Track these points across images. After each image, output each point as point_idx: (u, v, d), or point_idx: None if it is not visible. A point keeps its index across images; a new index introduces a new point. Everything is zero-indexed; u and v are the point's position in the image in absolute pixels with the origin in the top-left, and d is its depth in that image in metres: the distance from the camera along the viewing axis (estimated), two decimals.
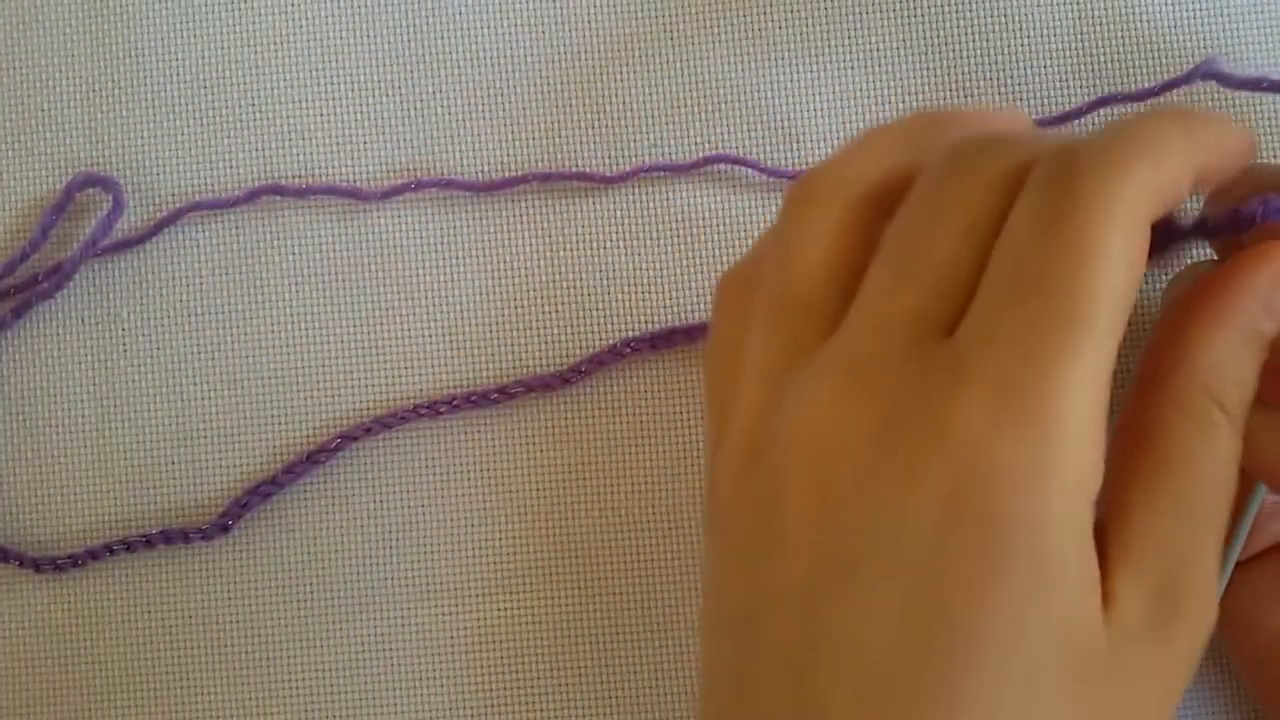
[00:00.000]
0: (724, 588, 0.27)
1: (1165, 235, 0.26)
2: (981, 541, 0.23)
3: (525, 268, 0.39)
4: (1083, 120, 0.38)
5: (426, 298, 0.39)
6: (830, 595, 0.24)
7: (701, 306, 0.39)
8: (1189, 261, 0.34)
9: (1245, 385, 0.26)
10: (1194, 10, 0.39)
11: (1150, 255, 0.25)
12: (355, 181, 0.39)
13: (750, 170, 0.39)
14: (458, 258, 0.39)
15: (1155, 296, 0.37)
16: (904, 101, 0.39)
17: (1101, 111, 0.38)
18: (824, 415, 0.24)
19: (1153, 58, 0.39)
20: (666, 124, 0.39)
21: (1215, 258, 0.32)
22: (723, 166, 0.39)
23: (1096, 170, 0.23)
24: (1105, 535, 0.25)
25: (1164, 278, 0.34)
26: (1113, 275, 0.23)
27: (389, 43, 0.40)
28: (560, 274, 0.39)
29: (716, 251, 0.39)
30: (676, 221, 0.39)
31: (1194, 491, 0.25)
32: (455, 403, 0.38)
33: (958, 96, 0.39)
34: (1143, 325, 0.37)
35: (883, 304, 0.25)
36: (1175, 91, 0.38)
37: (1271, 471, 0.30)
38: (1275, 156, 0.38)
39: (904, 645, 0.23)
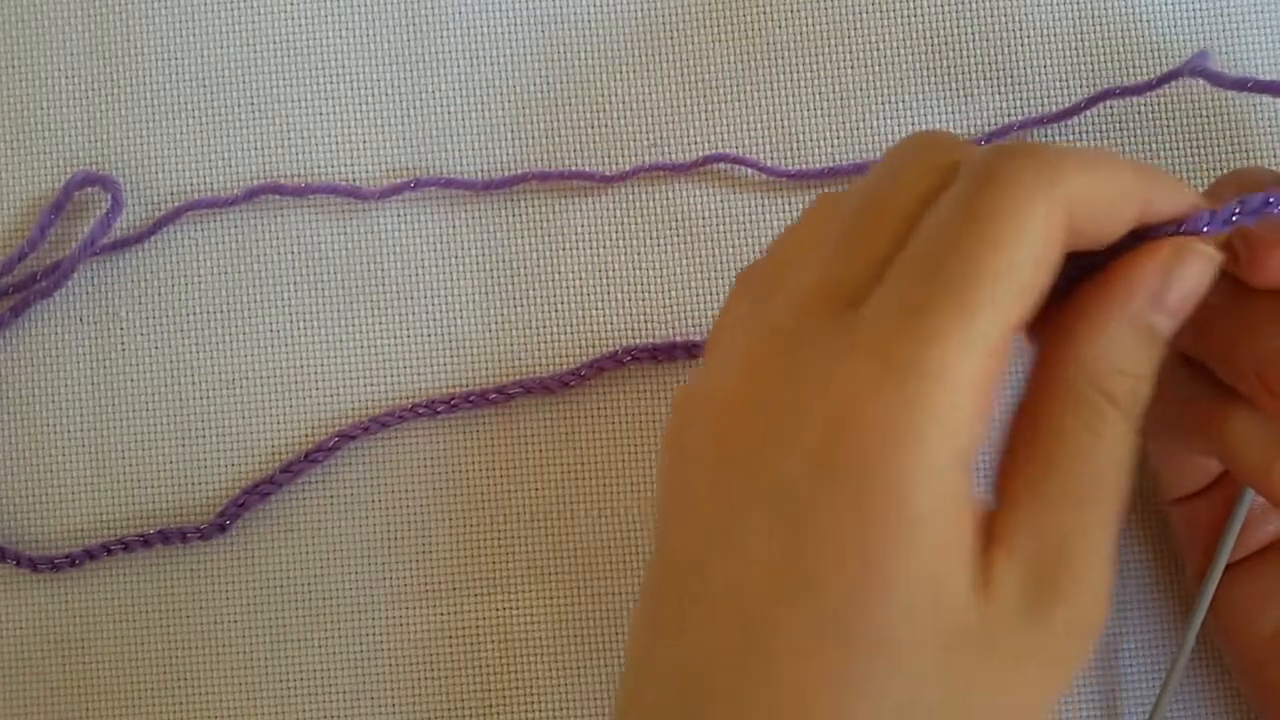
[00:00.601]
0: (653, 551, 0.27)
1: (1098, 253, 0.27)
2: (847, 494, 0.23)
3: (525, 268, 0.39)
4: (1082, 116, 0.38)
5: (425, 297, 0.39)
6: (716, 549, 0.25)
7: (701, 307, 0.39)
8: None
9: (1139, 379, 0.26)
10: (1193, 9, 0.39)
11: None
12: (355, 181, 0.39)
13: (750, 170, 0.39)
14: (457, 257, 0.39)
15: None
16: (904, 101, 0.39)
17: (1101, 108, 0.39)
18: (731, 381, 0.25)
19: (1152, 57, 0.39)
20: (666, 124, 0.39)
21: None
22: (723, 166, 0.39)
23: (1019, 164, 0.24)
24: (993, 518, 0.25)
25: None
26: (1013, 259, 0.24)
27: (389, 43, 0.40)
28: (560, 274, 0.39)
29: (716, 251, 0.39)
30: (676, 221, 0.39)
31: (1077, 482, 0.25)
32: (453, 403, 0.38)
33: (957, 96, 0.39)
34: None
35: (806, 278, 0.26)
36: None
37: (1255, 475, 0.30)
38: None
39: (771, 596, 0.24)
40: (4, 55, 0.40)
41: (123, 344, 0.39)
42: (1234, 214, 0.26)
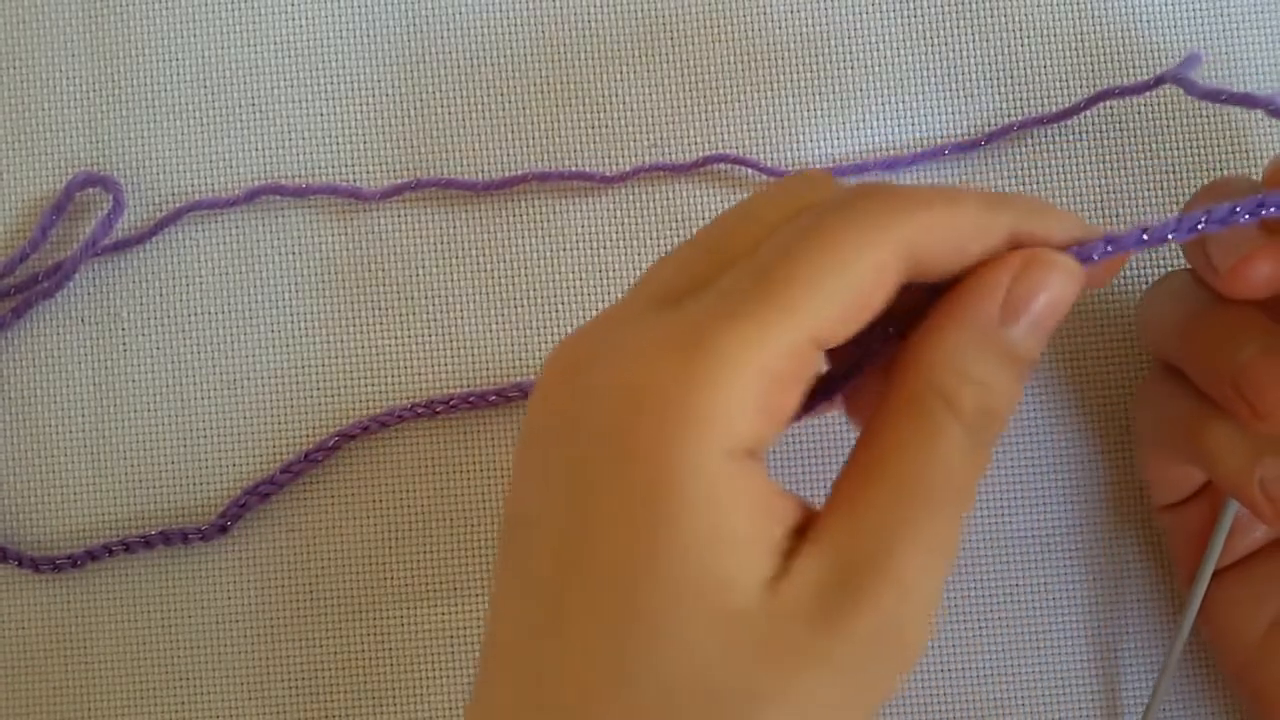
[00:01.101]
0: None
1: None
2: (626, 469, 0.24)
3: (525, 268, 0.39)
4: (1082, 116, 0.38)
5: (425, 297, 0.39)
6: (525, 515, 0.26)
7: None
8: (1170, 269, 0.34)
9: (991, 392, 0.25)
10: (1193, 9, 0.39)
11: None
12: (355, 181, 0.39)
13: (750, 170, 0.39)
14: (457, 257, 0.39)
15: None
16: (904, 101, 0.39)
17: (1101, 108, 0.38)
18: (567, 367, 0.26)
19: (1152, 56, 0.39)
20: (666, 124, 0.39)
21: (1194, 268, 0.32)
22: (723, 166, 0.39)
23: (864, 199, 0.26)
24: (815, 517, 0.25)
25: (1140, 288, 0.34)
26: (833, 275, 0.24)
27: (389, 43, 0.40)
28: (560, 274, 0.39)
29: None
30: (676, 221, 0.39)
31: (901, 488, 0.25)
32: (453, 403, 0.38)
33: (957, 96, 0.39)
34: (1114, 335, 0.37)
35: (651, 286, 0.27)
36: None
37: (1234, 484, 0.31)
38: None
39: (562, 566, 0.25)
40: (5, 55, 0.40)
41: (124, 344, 0.39)
42: (1141, 238, 0.26)
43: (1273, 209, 0.26)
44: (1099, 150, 0.39)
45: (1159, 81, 0.37)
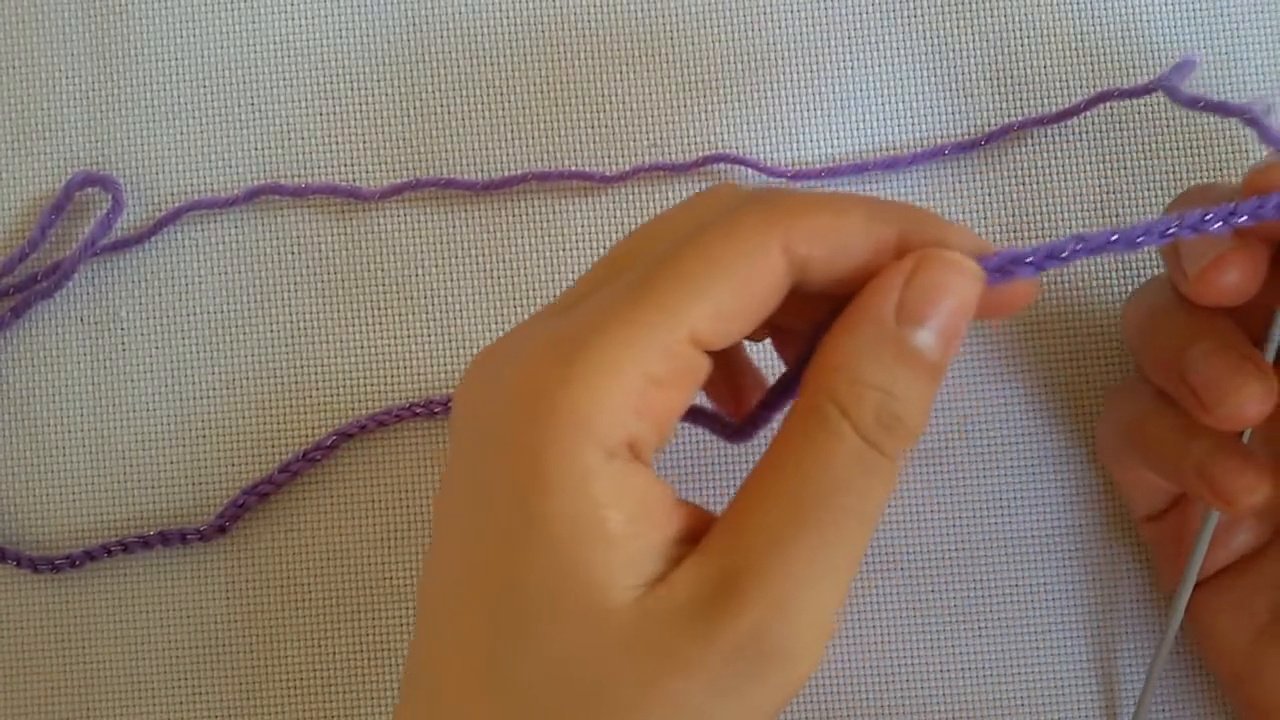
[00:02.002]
0: None
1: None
2: (502, 465, 0.25)
3: (525, 268, 0.39)
4: (1082, 117, 0.38)
5: (424, 297, 0.39)
6: (438, 506, 0.27)
7: None
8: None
9: (889, 396, 0.25)
10: (1193, 9, 0.39)
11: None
12: (355, 181, 0.39)
13: (750, 170, 0.39)
14: (457, 258, 0.39)
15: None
16: (903, 101, 0.39)
17: (1101, 109, 0.38)
18: (475, 373, 0.27)
19: (1152, 57, 0.39)
20: (666, 124, 0.39)
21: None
22: (723, 166, 0.39)
23: (749, 206, 0.26)
24: (710, 520, 0.25)
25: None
26: (708, 274, 0.25)
27: (389, 43, 0.40)
28: (560, 274, 0.39)
29: None
30: None
31: (788, 498, 0.24)
32: (451, 403, 0.38)
33: (957, 96, 0.39)
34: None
35: (571, 289, 0.28)
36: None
37: (1172, 470, 0.31)
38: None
39: (447, 550, 0.26)
40: (4, 55, 0.40)
41: (123, 344, 0.39)
42: (1028, 259, 0.26)
43: (1243, 218, 0.26)
44: (1099, 151, 0.39)
45: (1151, 88, 0.37)
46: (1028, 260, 0.26)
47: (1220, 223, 0.26)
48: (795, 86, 0.39)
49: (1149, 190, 0.38)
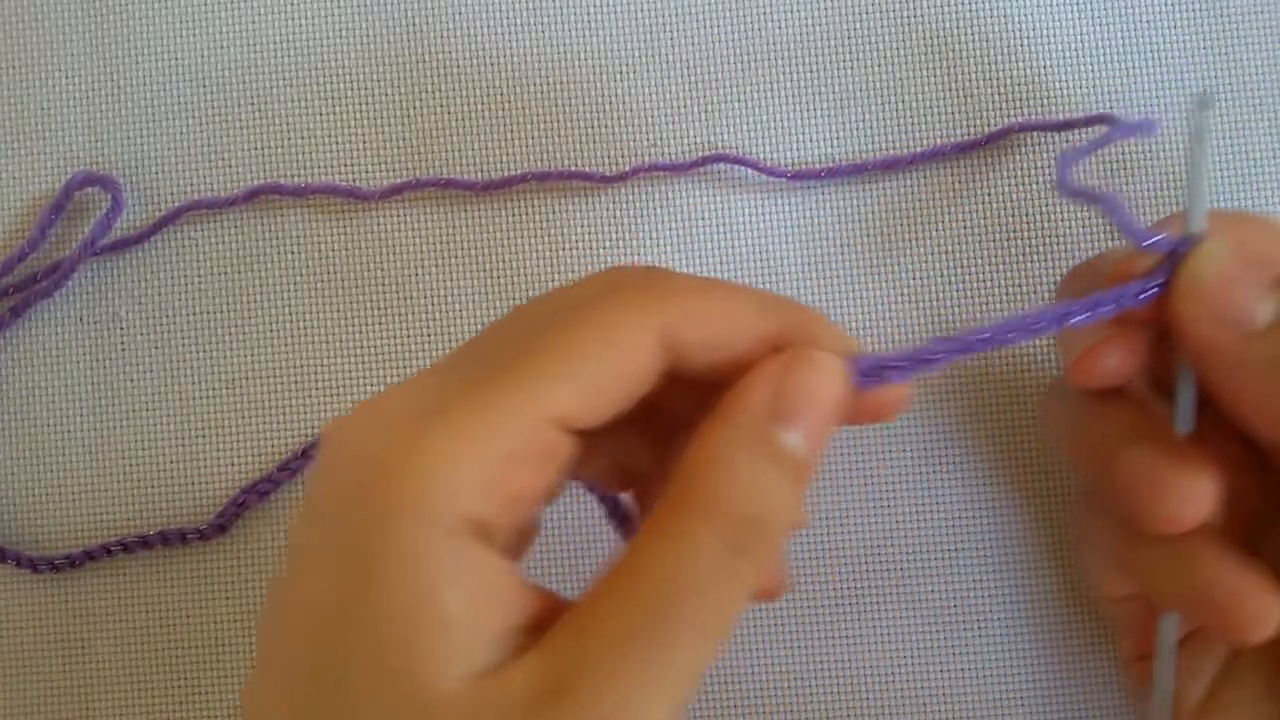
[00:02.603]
0: None
1: None
2: (340, 534, 0.24)
3: (525, 268, 0.39)
4: (1079, 132, 0.38)
5: (424, 297, 0.39)
6: (281, 582, 0.26)
7: None
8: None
9: (756, 495, 0.24)
10: (1194, 10, 0.39)
11: None
12: (355, 181, 0.39)
13: (750, 170, 0.39)
14: (457, 258, 0.39)
15: None
16: (903, 101, 0.39)
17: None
18: (337, 428, 0.26)
19: (1152, 56, 0.39)
20: (666, 124, 0.39)
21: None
22: (723, 166, 0.39)
23: (630, 285, 0.26)
24: (564, 610, 0.24)
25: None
26: (571, 354, 0.24)
27: (389, 43, 0.40)
28: (560, 274, 0.39)
29: (716, 251, 0.39)
30: (676, 221, 0.39)
31: (637, 598, 0.23)
32: None
33: (956, 98, 0.39)
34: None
35: (463, 348, 0.27)
36: (1174, 111, 0.38)
37: (1163, 601, 0.30)
38: (1242, 171, 0.38)
39: (277, 614, 0.25)
40: (4, 55, 0.40)
41: (123, 344, 0.39)
42: (882, 366, 0.26)
43: (1077, 318, 0.27)
44: (1098, 154, 0.39)
45: (1100, 143, 0.36)
46: (895, 365, 0.26)
47: (1085, 315, 0.27)
48: (795, 86, 0.39)
49: (1149, 190, 0.38)
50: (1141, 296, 0.28)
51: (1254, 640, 0.28)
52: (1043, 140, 0.39)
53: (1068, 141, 0.38)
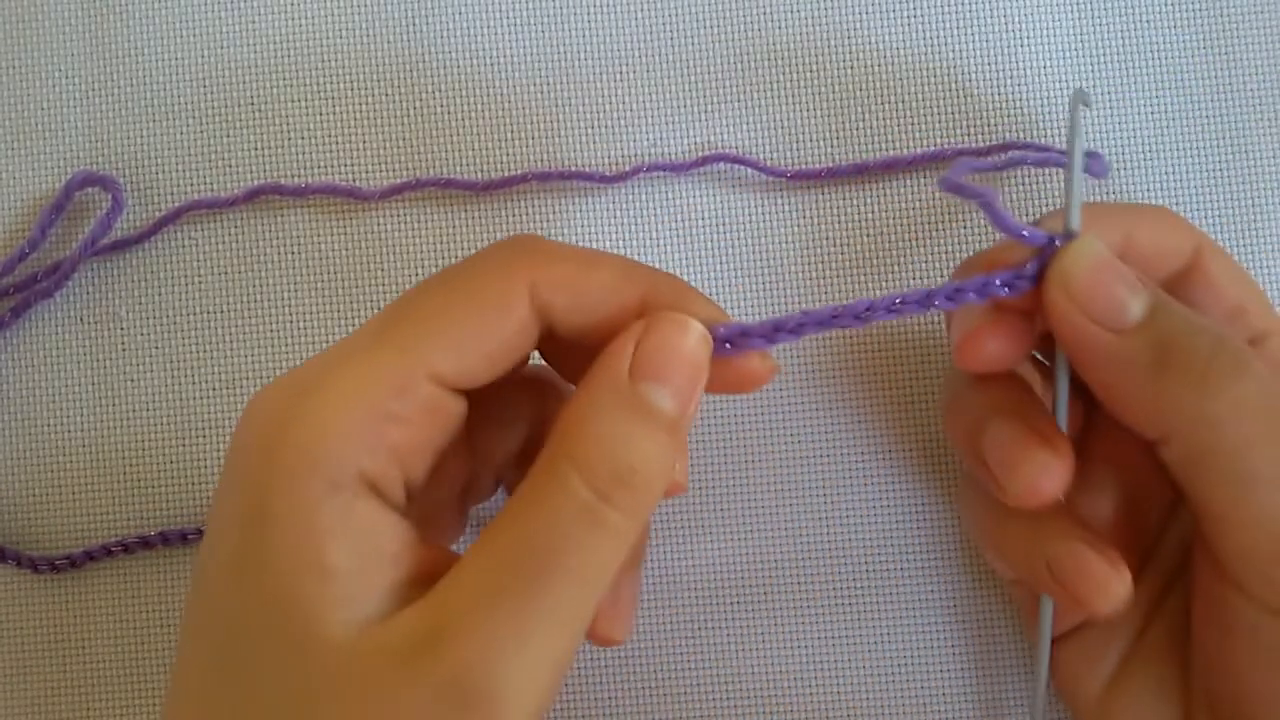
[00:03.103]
0: None
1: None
2: (237, 494, 0.26)
3: None
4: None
5: None
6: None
7: None
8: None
9: (623, 449, 0.25)
10: (1194, 9, 0.39)
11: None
12: (355, 181, 0.39)
13: (750, 170, 0.39)
14: (457, 258, 0.39)
15: None
16: (902, 101, 0.39)
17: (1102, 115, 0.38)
18: (253, 399, 0.28)
19: (1152, 57, 0.39)
20: (666, 124, 0.39)
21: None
22: (723, 166, 0.39)
23: (501, 248, 0.28)
24: (453, 562, 0.25)
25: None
26: (444, 312, 0.26)
27: (389, 43, 0.40)
28: None
29: (716, 251, 0.39)
30: (676, 221, 0.39)
31: (507, 549, 0.25)
32: None
33: (956, 97, 0.39)
34: None
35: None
36: (1181, 118, 0.38)
37: (1027, 578, 0.31)
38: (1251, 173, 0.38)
39: (196, 593, 0.27)
40: (4, 55, 0.40)
41: (123, 344, 0.39)
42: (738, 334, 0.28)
43: (939, 302, 0.28)
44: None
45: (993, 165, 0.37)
46: (756, 334, 0.28)
47: (948, 301, 0.28)
48: (795, 86, 0.39)
49: (1150, 191, 0.38)
50: (1004, 287, 0.28)
51: (1102, 611, 0.29)
52: (1042, 141, 0.39)
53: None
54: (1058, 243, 0.29)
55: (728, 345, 0.28)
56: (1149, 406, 0.28)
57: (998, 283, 0.28)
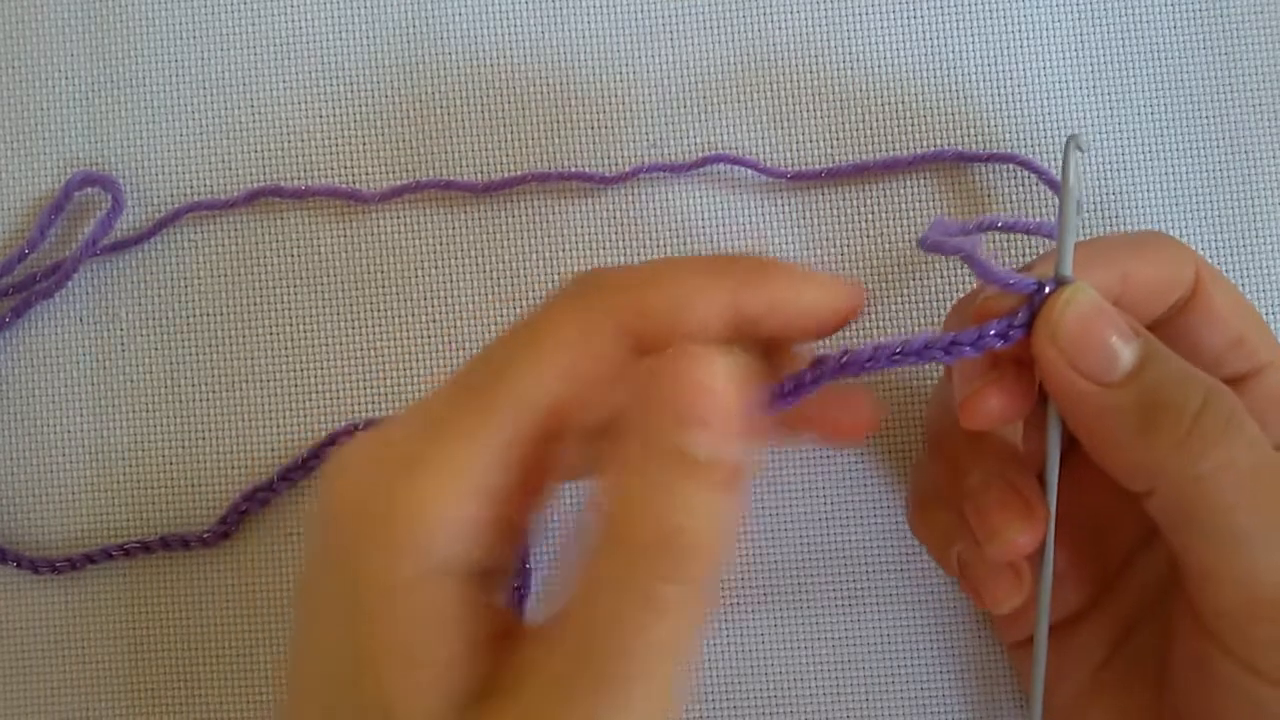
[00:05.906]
0: None
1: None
2: (330, 581, 0.24)
3: (525, 268, 0.39)
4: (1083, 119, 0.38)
5: (425, 298, 0.39)
6: (294, 632, 0.27)
7: None
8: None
9: (668, 513, 0.22)
10: (1194, 9, 0.39)
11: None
12: (355, 183, 0.39)
13: (750, 170, 0.39)
14: (457, 258, 0.39)
15: None
16: (902, 103, 0.39)
17: (1102, 114, 0.38)
18: (331, 471, 0.26)
19: (1152, 56, 0.39)
20: (666, 124, 0.39)
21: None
22: (722, 166, 0.39)
23: (568, 288, 0.26)
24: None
25: None
26: (526, 365, 0.25)
27: (389, 44, 0.40)
28: (560, 274, 0.39)
29: (716, 251, 0.39)
30: (676, 221, 0.39)
31: (577, 655, 0.23)
32: None
33: (956, 97, 0.39)
34: None
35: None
36: (1187, 122, 0.38)
37: (940, 561, 0.33)
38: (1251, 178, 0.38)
39: (291, 658, 0.26)
40: (4, 55, 0.40)
41: (123, 345, 0.39)
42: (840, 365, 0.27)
43: (935, 354, 0.28)
44: (1099, 155, 0.39)
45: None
46: (780, 393, 0.27)
47: (944, 355, 0.28)
48: (795, 87, 0.39)
49: (1150, 192, 0.38)
50: (998, 338, 0.28)
51: (1001, 610, 0.31)
52: (1042, 142, 0.39)
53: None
54: (1047, 288, 0.28)
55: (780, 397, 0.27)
56: (1135, 461, 0.28)
57: (992, 333, 0.28)
